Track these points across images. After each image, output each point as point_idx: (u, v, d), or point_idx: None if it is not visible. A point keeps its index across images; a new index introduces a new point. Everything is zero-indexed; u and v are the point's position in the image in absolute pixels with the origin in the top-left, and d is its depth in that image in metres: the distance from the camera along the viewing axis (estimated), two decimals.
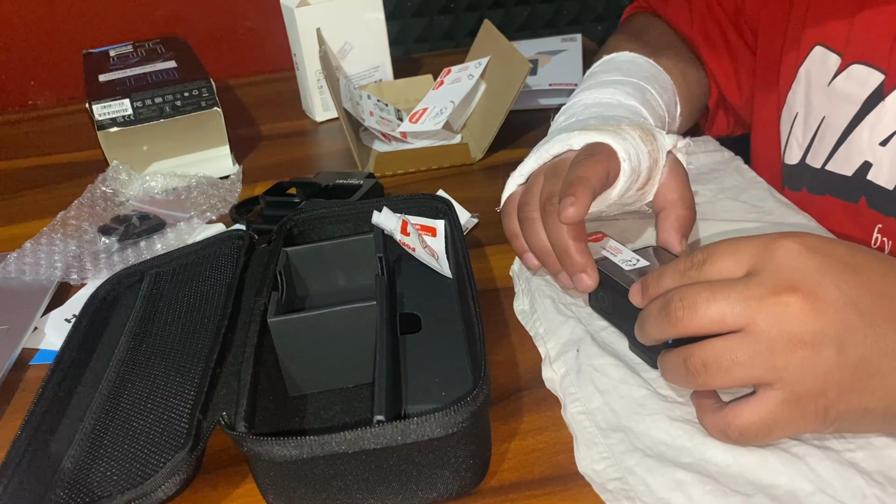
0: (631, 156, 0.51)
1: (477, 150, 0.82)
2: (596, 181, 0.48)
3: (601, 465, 0.42)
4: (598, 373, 0.48)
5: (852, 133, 0.58)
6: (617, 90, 0.62)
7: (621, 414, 0.45)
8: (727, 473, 0.40)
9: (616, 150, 0.51)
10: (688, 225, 0.53)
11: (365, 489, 0.41)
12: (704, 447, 0.41)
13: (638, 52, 0.69)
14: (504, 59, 0.83)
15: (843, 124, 0.59)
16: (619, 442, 0.43)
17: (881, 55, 0.56)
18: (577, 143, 0.53)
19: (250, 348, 0.47)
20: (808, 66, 0.62)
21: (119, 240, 0.70)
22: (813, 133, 0.62)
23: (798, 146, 0.64)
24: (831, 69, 0.60)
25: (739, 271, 0.40)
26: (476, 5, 1.30)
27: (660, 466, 0.41)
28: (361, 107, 0.86)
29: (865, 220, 0.58)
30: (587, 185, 0.48)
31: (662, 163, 0.54)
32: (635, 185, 0.53)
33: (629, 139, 0.52)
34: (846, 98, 0.58)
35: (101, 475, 0.43)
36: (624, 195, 0.53)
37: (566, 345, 0.51)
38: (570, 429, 0.46)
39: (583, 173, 0.48)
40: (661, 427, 0.43)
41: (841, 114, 0.59)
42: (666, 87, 0.66)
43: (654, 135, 0.54)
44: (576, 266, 0.49)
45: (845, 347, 0.37)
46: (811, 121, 0.62)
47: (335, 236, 0.60)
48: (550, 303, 0.55)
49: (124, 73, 0.86)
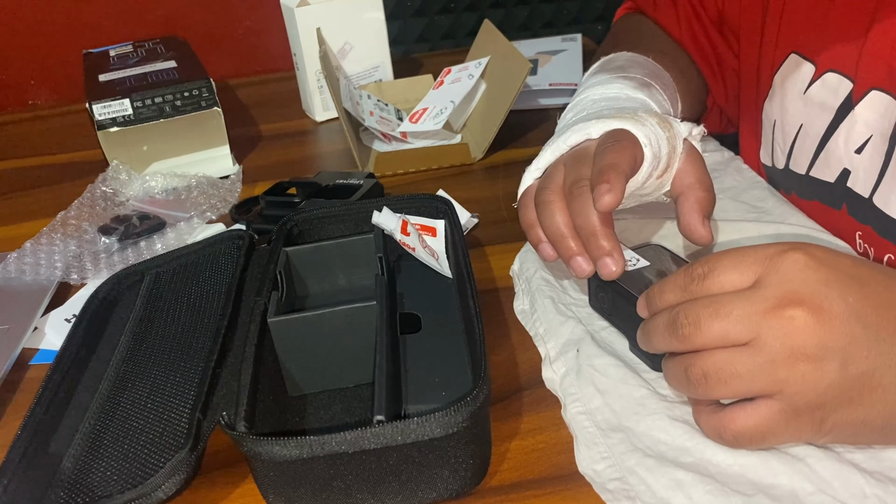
0: (652, 141, 0.51)
1: (477, 150, 0.82)
2: (627, 167, 0.48)
3: (601, 465, 0.42)
4: (598, 373, 0.48)
5: (829, 141, 0.58)
6: (623, 85, 0.61)
7: (621, 414, 0.45)
8: (727, 473, 0.40)
9: (637, 136, 0.51)
10: (709, 207, 0.51)
11: (365, 489, 0.41)
12: (704, 447, 0.41)
13: (636, 52, 0.69)
14: (504, 58, 0.83)
15: (820, 132, 0.58)
16: (620, 442, 0.43)
17: (850, 64, 0.55)
18: (595, 132, 0.52)
19: (250, 348, 0.47)
20: (784, 74, 0.62)
21: (119, 240, 0.70)
22: (792, 140, 0.62)
23: (781, 152, 0.64)
24: (806, 77, 0.60)
25: (744, 283, 0.39)
26: (476, 5, 1.30)
27: (660, 466, 0.41)
28: (361, 107, 0.86)
29: (847, 226, 0.58)
30: (620, 172, 0.47)
31: (680, 150, 0.53)
32: (656, 172, 0.52)
33: (648, 125, 0.52)
34: (820, 106, 0.58)
35: (101, 475, 0.43)
36: (645, 183, 0.52)
37: (566, 345, 0.51)
38: (570, 429, 0.46)
39: (612, 160, 0.48)
40: (661, 427, 0.43)
41: (817, 122, 0.59)
42: (667, 84, 0.66)
43: (670, 122, 0.53)
44: (601, 250, 0.47)
45: (848, 361, 0.37)
46: (788, 128, 0.62)
47: (335, 236, 0.60)
48: (550, 303, 0.55)
49: (124, 73, 0.86)
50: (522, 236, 0.67)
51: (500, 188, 0.76)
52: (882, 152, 0.53)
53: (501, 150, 0.83)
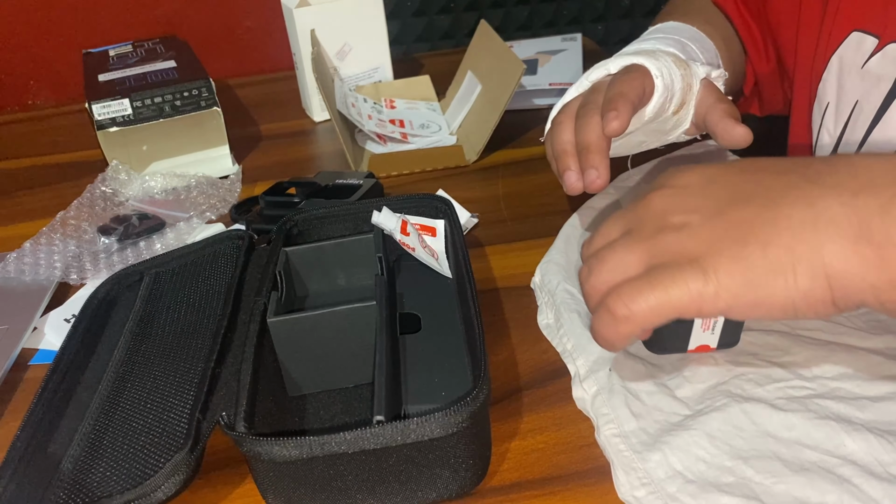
0: (663, 73, 0.55)
1: (471, 152, 0.81)
2: (634, 96, 0.53)
3: (642, 492, 0.41)
4: (631, 395, 0.46)
5: (886, 112, 0.57)
6: (657, 41, 0.64)
7: (656, 435, 0.43)
8: (772, 492, 0.39)
9: (650, 68, 0.55)
10: (736, 114, 0.55)
11: (365, 489, 0.41)
12: (745, 466, 0.41)
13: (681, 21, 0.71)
14: (499, 60, 0.82)
15: (877, 104, 0.58)
16: (658, 466, 0.42)
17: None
18: (613, 67, 0.58)
19: (250, 348, 0.47)
20: (842, 53, 0.62)
21: (119, 240, 0.70)
22: (846, 120, 0.62)
23: (829, 136, 0.64)
24: (866, 52, 0.60)
25: None
26: (476, 5, 1.30)
27: (703, 493, 0.40)
28: (357, 109, 0.86)
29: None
30: (627, 99, 0.52)
31: (696, 88, 0.57)
32: (670, 105, 0.57)
33: (662, 60, 0.56)
34: (878, 77, 0.58)
35: (100, 475, 0.43)
36: (660, 117, 0.56)
37: (597, 362, 0.49)
38: (605, 452, 0.44)
39: (621, 88, 0.53)
40: (699, 444, 0.42)
41: (874, 93, 0.59)
42: (707, 48, 0.68)
43: (687, 63, 0.58)
44: (589, 162, 0.52)
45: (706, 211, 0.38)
46: (843, 107, 0.62)
47: (335, 236, 0.60)
48: (577, 317, 0.53)
49: (124, 72, 0.86)
50: (523, 236, 0.67)
51: (499, 188, 0.76)
52: None
53: (498, 150, 0.83)
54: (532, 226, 0.68)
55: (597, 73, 0.59)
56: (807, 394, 0.45)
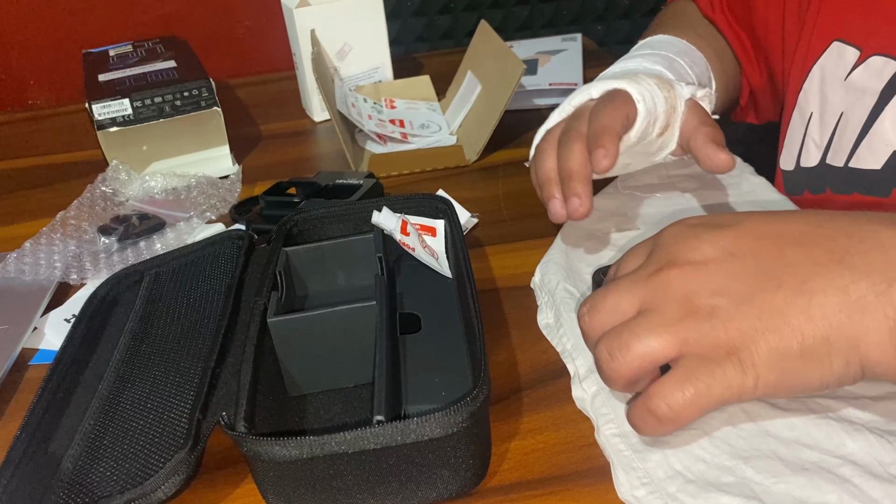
0: (646, 98, 0.54)
1: (471, 152, 0.81)
2: (619, 127, 0.53)
3: (642, 492, 0.41)
4: (631, 396, 0.46)
5: (874, 125, 0.57)
6: (644, 59, 0.64)
7: None
8: (772, 492, 0.39)
9: (631, 93, 0.54)
10: (719, 137, 0.54)
11: (365, 489, 0.41)
12: (745, 465, 0.40)
13: (671, 34, 0.70)
14: (499, 60, 0.82)
15: (863, 118, 0.58)
16: (657, 465, 0.42)
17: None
18: (595, 92, 0.57)
19: (250, 348, 0.47)
20: (823, 63, 0.62)
21: (119, 240, 0.70)
22: (831, 131, 0.61)
23: (816, 147, 0.63)
24: (848, 63, 0.59)
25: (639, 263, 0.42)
26: (476, 5, 1.30)
27: (702, 492, 0.39)
28: (357, 109, 0.86)
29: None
30: (612, 134, 0.52)
31: (681, 109, 0.56)
32: (654, 129, 0.55)
33: (644, 84, 0.56)
34: (863, 91, 0.58)
35: (100, 475, 0.43)
36: (644, 140, 0.55)
37: None
38: (604, 452, 0.44)
39: (605, 122, 0.52)
40: (699, 444, 0.42)
41: (859, 107, 0.58)
42: (697, 62, 0.67)
43: (671, 84, 0.57)
44: (571, 190, 0.53)
45: (736, 295, 0.37)
46: (828, 118, 0.61)
47: (335, 236, 0.60)
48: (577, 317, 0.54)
49: (124, 72, 0.86)
50: (523, 236, 0.67)
51: (499, 188, 0.76)
52: None
53: (498, 150, 0.83)
54: (532, 226, 0.68)
55: (579, 97, 0.58)
56: None
